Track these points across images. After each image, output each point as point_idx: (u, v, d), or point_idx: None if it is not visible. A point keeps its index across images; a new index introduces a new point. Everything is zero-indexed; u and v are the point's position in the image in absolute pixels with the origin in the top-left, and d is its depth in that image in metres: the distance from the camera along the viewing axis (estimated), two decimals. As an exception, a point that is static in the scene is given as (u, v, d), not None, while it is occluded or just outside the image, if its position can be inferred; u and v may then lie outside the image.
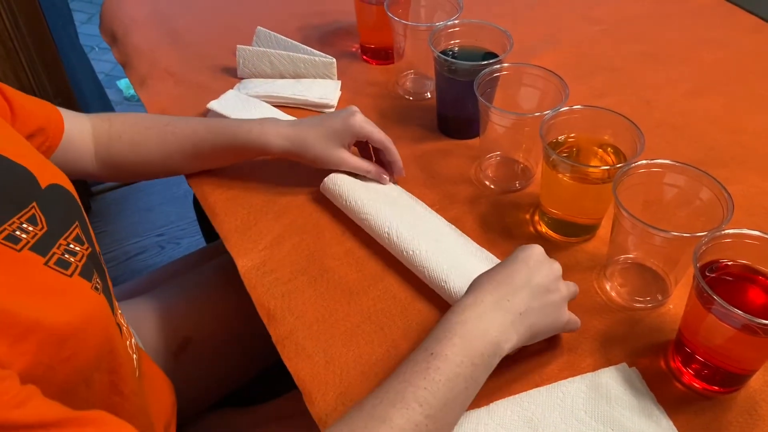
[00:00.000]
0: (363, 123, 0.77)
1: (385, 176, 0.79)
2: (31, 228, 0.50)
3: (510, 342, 0.56)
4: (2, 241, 0.47)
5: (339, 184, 0.77)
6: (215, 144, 0.76)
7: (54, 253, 0.51)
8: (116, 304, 0.63)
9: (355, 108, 0.78)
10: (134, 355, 0.64)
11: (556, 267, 0.61)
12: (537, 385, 0.61)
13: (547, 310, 0.59)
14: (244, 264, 0.72)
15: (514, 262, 0.60)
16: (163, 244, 1.79)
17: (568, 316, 0.61)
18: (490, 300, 0.57)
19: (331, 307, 0.68)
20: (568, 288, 0.62)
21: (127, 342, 0.63)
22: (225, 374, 0.89)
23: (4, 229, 0.48)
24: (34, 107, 0.69)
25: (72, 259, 0.52)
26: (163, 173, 0.81)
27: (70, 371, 0.49)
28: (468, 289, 0.60)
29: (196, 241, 1.78)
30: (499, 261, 0.70)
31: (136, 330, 0.82)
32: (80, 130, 0.76)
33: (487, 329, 0.55)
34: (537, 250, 0.61)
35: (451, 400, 0.52)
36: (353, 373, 0.62)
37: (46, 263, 0.49)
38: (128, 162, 0.78)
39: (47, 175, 0.57)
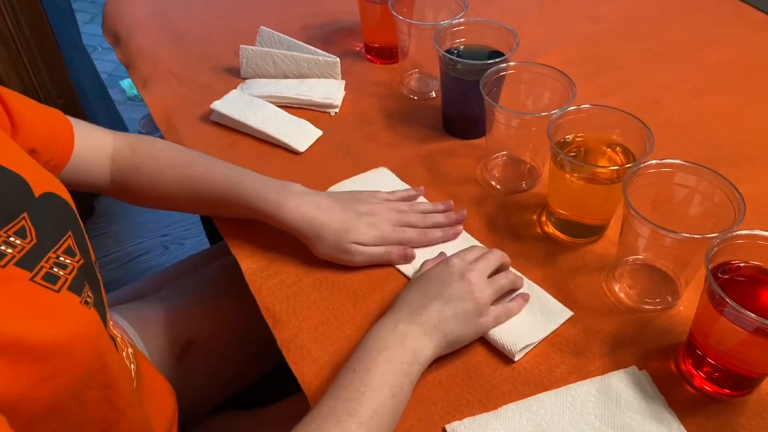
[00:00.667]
0: (387, 227, 0.70)
1: (409, 251, 0.71)
2: (18, 241, 0.49)
3: (427, 350, 0.58)
4: None
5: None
6: (229, 200, 0.72)
7: (42, 267, 0.49)
8: (109, 316, 0.61)
9: (378, 205, 0.72)
10: (132, 366, 0.63)
11: (476, 273, 0.63)
12: (546, 389, 0.60)
13: (464, 318, 0.61)
14: (248, 266, 0.72)
15: (428, 277, 0.64)
16: (167, 244, 1.79)
17: (491, 317, 0.62)
18: (404, 317, 0.60)
19: (336, 310, 0.67)
20: (491, 287, 0.63)
21: (123, 353, 0.62)
22: (228, 377, 0.89)
23: None
24: (38, 122, 0.66)
25: (61, 273, 0.51)
26: (180, 210, 0.80)
27: (55, 389, 0.47)
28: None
29: (200, 241, 1.78)
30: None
31: (140, 332, 0.81)
32: (97, 147, 0.73)
33: (403, 339, 0.58)
34: (455, 266, 0.64)
35: (379, 407, 0.54)
36: (359, 377, 0.61)
37: (32, 278, 0.48)
38: (142, 194, 0.76)
39: (42, 182, 0.55)
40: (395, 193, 0.76)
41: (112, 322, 0.62)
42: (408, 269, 0.70)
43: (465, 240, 0.74)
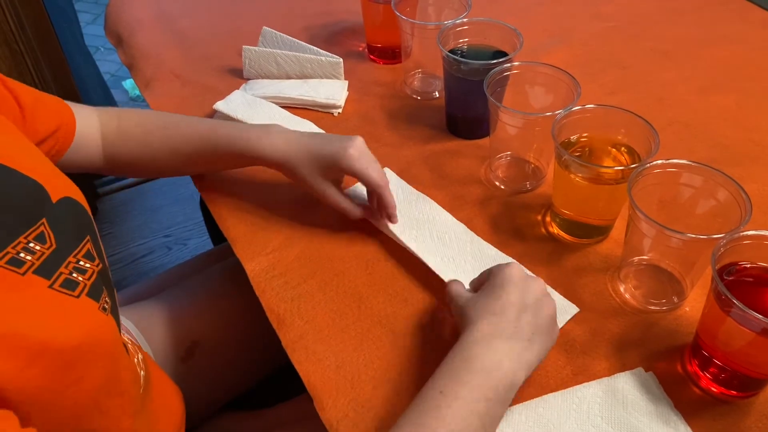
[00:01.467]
0: (354, 160, 0.68)
1: (373, 218, 0.73)
2: (38, 247, 0.49)
3: (524, 371, 0.54)
4: (4, 266, 0.45)
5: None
6: (216, 148, 0.74)
7: (61, 273, 0.49)
8: (120, 322, 0.61)
9: (358, 139, 0.71)
10: (141, 372, 0.63)
11: (541, 281, 0.60)
12: (552, 390, 0.60)
13: (549, 327, 0.58)
14: (252, 268, 0.71)
15: (501, 287, 0.58)
16: (170, 245, 1.79)
17: (555, 338, 0.59)
18: (497, 331, 0.55)
19: (341, 311, 0.67)
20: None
21: (135, 359, 0.62)
22: (233, 378, 0.89)
23: (7, 252, 0.46)
24: (46, 113, 0.67)
25: (80, 278, 0.51)
26: (169, 172, 0.80)
27: (78, 395, 0.48)
28: (465, 323, 0.57)
29: (203, 242, 1.78)
30: (512, 259, 0.69)
31: (144, 334, 0.81)
32: (89, 126, 0.75)
33: (500, 362, 0.53)
34: (515, 268, 0.59)
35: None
36: (364, 378, 0.61)
37: (50, 286, 0.48)
38: (135, 160, 0.77)
39: (59, 187, 0.55)
40: None
41: (123, 329, 0.62)
42: (440, 269, 0.68)
43: (480, 245, 0.73)
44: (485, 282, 0.61)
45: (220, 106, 0.89)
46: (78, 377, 0.47)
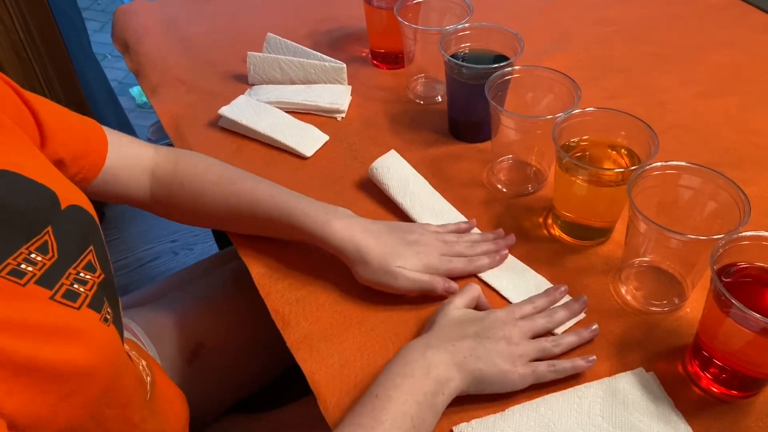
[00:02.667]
0: (434, 259, 0.68)
1: (452, 285, 0.68)
2: (39, 258, 0.48)
3: (453, 381, 0.57)
4: (5, 276, 0.45)
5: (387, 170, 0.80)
6: (276, 219, 0.70)
7: (62, 285, 0.48)
8: (123, 331, 0.60)
9: (426, 235, 0.70)
10: (147, 378, 0.63)
11: (537, 325, 0.63)
12: (553, 390, 0.60)
13: (495, 360, 0.58)
14: (257, 270, 0.72)
15: (467, 316, 0.63)
16: (176, 250, 1.80)
17: (522, 373, 0.59)
18: (435, 343, 0.59)
19: (345, 313, 0.68)
20: (534, 348, 0.61)
21: (140, 366, 0.62)
22: (238, 380, 0.89)
23: (8, 263, 0.45)
24: (69, 136, 0.65)
25: (81, 289, 0.50)
26: (219, 228, 0.77)
27: (73, 409, 0.47)
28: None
29: (208, 247, 1.79)
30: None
31: (150, 336, 0.82)
32: (134, 160, 0.72)
33: (429, 367, 0.56)
34: (500, 318, 0.62)
35: (398, 429, 0.53)
36: (368, 379, 0.62)
37: (52, 297, 0.47)
38: (185, 209, 0.75)
39: (68, 194, 0.55)
40: (446, 225, 0.74)
41: (126, 338, 0.62)
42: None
43: (512, 264, 0.72)
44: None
45: (225, 111, 0.90)
46: (72, 390, 0.46)
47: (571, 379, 0.61)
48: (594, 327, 0.64)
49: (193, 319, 0.86)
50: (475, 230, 0.76)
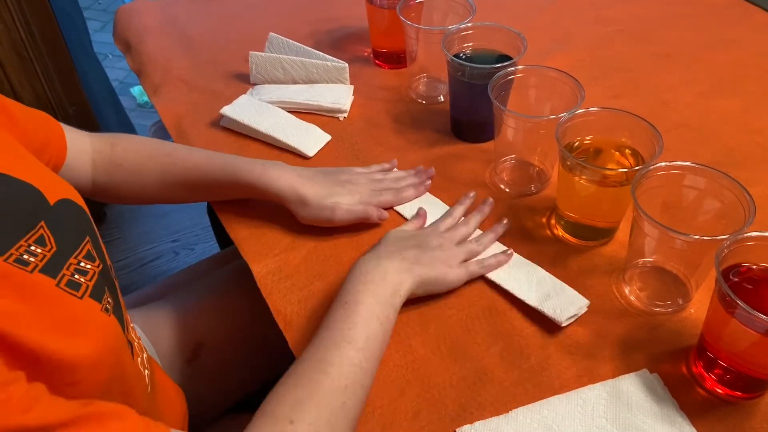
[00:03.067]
0: (366, 190, 0.77)
1: (383, 213, 0.76)
2: (39, 250, 0.49)
3: (405, 283, 0.65)
4: (12, 264, 0.46)
5: None
6: (215, 179, 0.76)
7: (64, 275, 0.50)
8: (128, 319, 0.62)
9: (355, 174, 0.79)
10: (146, 371, 0.63)
11: (458, 233, 0.72)
12: (556, 392, 0.60)
13: (436, 265, 0.67)
14: (259, 270, 0.72)
15: (404, 233, 0.72)
16: (177, 250, 1.80)
17: (458, 272, 0.68)
18: (385, 254, 0.67)
19: (347, 314, 0.67)
20: (463, 251, 0.70)
21: (139, 358, 0.63)
22: (239, 379, 0.89)
23: (11, 254, 0.46)
24: (36, 124, 0.67)
25: (82, 280, 0.51)
26: (160, 201, 0.81)
27: (77, 397, 0.47)
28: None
29: (210, 246, 1.79)
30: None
31: (150, 336, 0.82)
32: (80, 150, 0.74)
33: (384, 274, 0.64)
34: (430, 233, 0.72)
35: (371, 334, 0.60)
36: (370, 380, 0.62)
37: (57, 284, 0.48)
38: (127, 189, 0.78)
39: (55, 190, 0.56)
40: (371, 166, 0.83)
41: (130, 326, 0.63)
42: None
43: (432, 201, 0.80)
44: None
45: (227, 110, 0.89)
46: (78, 379, 0.47)
47: (575, 381, 0.61)
48: (505, 221, 0.76)
49: (193, 318, 0.86)
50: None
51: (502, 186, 0.81)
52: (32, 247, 0.49)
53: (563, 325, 0.64)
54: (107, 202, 0.81)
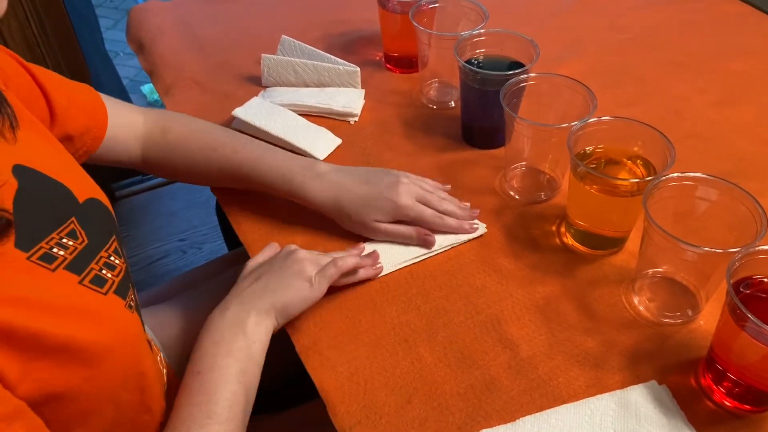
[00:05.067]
0: (408, 210, 0.72)
1: (430, 238, 0.73)
2: (71, 243, 0.50)
3: (260, 325, 0.61)
4: (36, 261, 0.47)
5: None
6: (256, 181, 0.76)
7: (91, 269, 0.51)
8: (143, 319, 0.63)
9: (403, 182, 0.73)
10: (164, 370, 0.64)
11: (301, 252, 0.67)
12: (565, 402, 0.60)
13: (288, 283, 0.64)
14: (268, 274, 0.72)
15: (255, 267, 0.68)
16: (185, 248, 1.81)
17: (317, 284, 0.65)
18: (232, 301, 0.63)
19: (354, 319, 0.68)
20: (316, 262, 0.66)
21: (158, 357, 0.63)
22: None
23: (41, 247, 0.48)
24: (77, 114, 0.69)
25: (109, 275, 0.52)
26: (206, 185, 0.82)
27: (93, 390, 0.48)
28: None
29: (217, 246, 1.79)
30: None
31: (159, 336, 0.82)
32: (129, 126, 0.76)
33: (233, 326, 0.60)
34: (281, 253, 0.68)
35: (232, 398, 0.57)
36: (377, 385, 0.62)
37: (80, 281, 0.49)
38: (176, 171, 0.80)
39: (84, 189, 0.57)
40: (423, 178, 0.78)
41: (147, 327, 0.64)
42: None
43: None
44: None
45: (238, 112, 0.90)
46: (95, 373, 0.48)
47: (583, 391, 0.61)
48: (475, 210, 0.75)
49: (201, 320, 0.86)
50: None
51: (512, 193, 0.81)
52: (64, 240, 0.50)
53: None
54: (158, 176, 0.83)
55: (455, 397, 0.61)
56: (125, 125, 0.76)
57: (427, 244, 0.73)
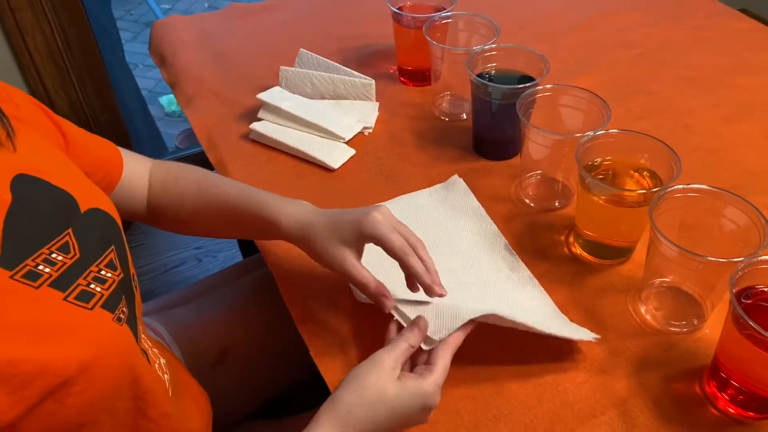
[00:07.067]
0: (377, 224, 0.62)
1: (386, 300, 0.63)
2: (60, 257, 0.50)
3: None
4: (19, 280, 0.46)
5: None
6: (237, 209, 0.71)
7: (78, 285, 0.50)
8: (141, 328, 0.61)
9: (382, 207, 0.65)
10: (165, 376, 0.64)
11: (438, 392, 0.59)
12: (569, 405, 0.61)
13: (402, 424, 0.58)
14: (283, 280, 0.74)
15: (382, 402, 0.57)
16: (200, 257, 1.83)
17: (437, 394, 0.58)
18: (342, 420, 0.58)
19: (371, 323, 0.69)
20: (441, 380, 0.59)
21: (156, 364, 0.63)
22: (260, 386, 0.91)
23: (26, 265, 0.47)
24: (89, 142, 0.68)
25: (98, 289, 0.52)
26: (197, 233, 0.79)
27: (84, 404, 0.48)
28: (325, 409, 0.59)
29: (232, 254, 1.82)
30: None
31: (175, 338, 0.84)
32: (138, 172, 0.75)
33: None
34: (426, 395, 0.58)
35: None
36: (388, 389, 0.63)
37: (65, 298, 0.49)
38: (170, 214, 0.76)
39: (89, 198, 0.57)
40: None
41: (144, 336, 0.63)
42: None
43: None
44: (415, 368, 0.60)
45: (255, 125, 0.92)
46: (82, 388, 0.48)
47: (589, 396, 0.62)
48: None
49: (218, 325, 0.88)
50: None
51: (527, 200, 0.83)
52: (53, 255, 0.49)
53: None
54: (159, 227, 0.79)
55: (464, 400, 0.62)
56: (137, 171, 0.75)
57: (380, 304, 0.64)
